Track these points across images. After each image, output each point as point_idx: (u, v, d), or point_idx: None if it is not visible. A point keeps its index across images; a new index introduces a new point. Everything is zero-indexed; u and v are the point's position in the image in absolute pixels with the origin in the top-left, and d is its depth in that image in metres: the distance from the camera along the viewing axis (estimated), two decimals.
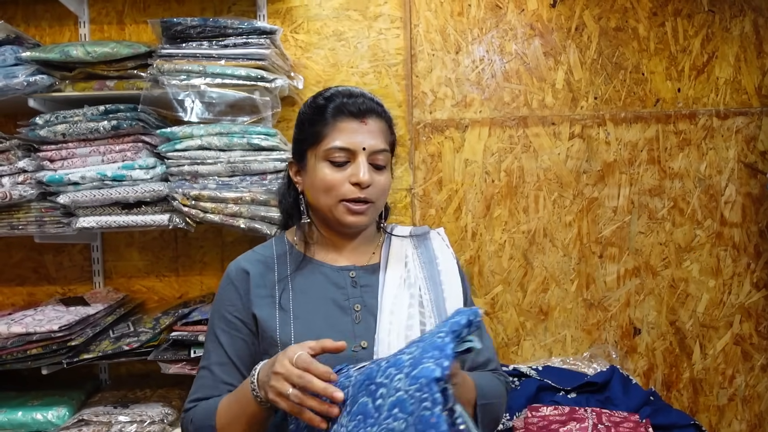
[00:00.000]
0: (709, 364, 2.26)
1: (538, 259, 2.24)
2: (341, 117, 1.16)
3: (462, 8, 2.22)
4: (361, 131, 1.16)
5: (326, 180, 1.15)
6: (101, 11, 2.21)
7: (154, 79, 1.88)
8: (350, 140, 1.15)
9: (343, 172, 1.15)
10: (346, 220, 1.17)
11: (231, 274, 1.23)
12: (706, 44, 2.23)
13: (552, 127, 2.23)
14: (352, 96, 1.18)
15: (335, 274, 1.22)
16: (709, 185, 2.23)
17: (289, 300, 1.18)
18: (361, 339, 1.16)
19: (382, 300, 1.20)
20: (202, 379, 1.20)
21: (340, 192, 1.15)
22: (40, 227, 1.90)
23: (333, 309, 1.18)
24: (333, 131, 1.16)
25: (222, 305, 1.21)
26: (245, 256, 1.27)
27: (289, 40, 2.22)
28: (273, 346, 1.15)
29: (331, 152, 1.15)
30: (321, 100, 1.19)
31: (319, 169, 1.16)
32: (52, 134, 1.87)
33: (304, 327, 1.15)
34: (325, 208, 1.18)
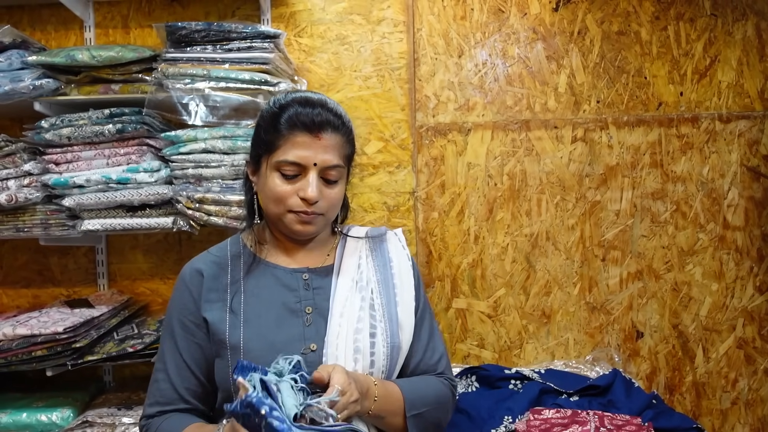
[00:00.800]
0: (712, 368, 2.25)
1: (540, 262, 2.25)
2: (295, 130, 1.15)
3: (465, 12, 2.23)
4: (313, 146, 1.15)
5: (276, 191, 1.16)
6: (106, 15, 2.23)
7: (159, 82, 1.89)
8: (301, 155, 1.14)
9: (293, 185, 1.16)
10: (294, 229, 1.19)
11: (185, 277, 1.24)
12: (709, 48, 2.23)
13: (554, 131, 2.24)
14: (308, 106, 1.16)
15: (288, 276, 1.23)
16: (711, 189, 2.23)
17: (240, 303, 1.19)
18: (310, 342, 1.16)
19: (333, 303, 1.20)
20: (158, 383, 1.21)
21: (287, 203, 1.16)
22: (45, 230, 1.92)
23: (283, 312, 1.19)
24: (286, 143, 1.15)
25: (176, 308, 1.22)
26: (200, 257, 1.27)
27: (293, 44, 2.23)
28: (223, 348, 1.17)
29: (282, 165, 1.15)
30: (277, 108, 1.18)
31: (270, 179, 1.17)
32: (57, 137, 1.88)
33: (253, 330, 1.16)
34: (274, 215, 1.19)
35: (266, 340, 1.14)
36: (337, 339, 1.16)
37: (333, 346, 1.15)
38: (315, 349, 1.15)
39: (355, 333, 1.18)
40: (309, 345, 1.16)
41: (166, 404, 1.20)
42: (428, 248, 2.25)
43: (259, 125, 1.21)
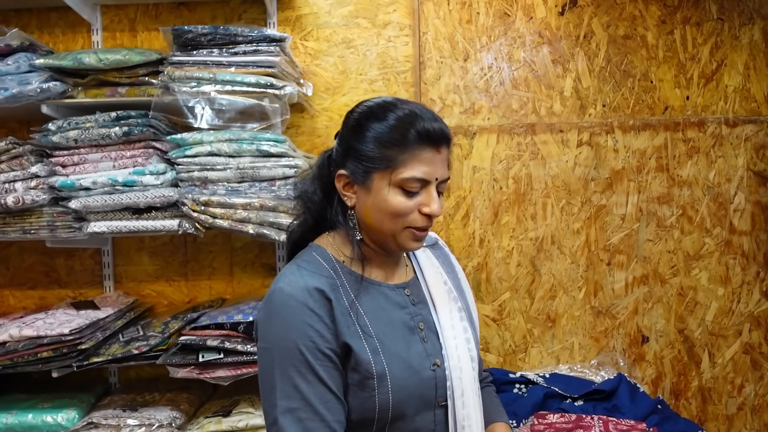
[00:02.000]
0: (717, 373, 2.24)
1: (545, 266, 2.24)
2: (422, 145, 1.07)
3: (470, 16, 2.24)
4: (435, 161, 1.09)
5: (398, 208, 1.08)
6: (113, 19, 2.24)
7: (165, 86, 1.90)
8: (428, 171, 1.08)
9: (413, 201, 1.09)
10: (409, 246, 1.13)
11: (304, 298, 1.06)
12: (715, 52, 2.23)
13: (560, 135, 2.23)
14: (433, 121, 1.09)
15: (393, 293, 1.17)
16: (717, 193, 2.23)
17: (367, 325, 1.10)
18: (433, 357, 1.14)
19: (439, 316, 1.18)
20: (302, 423, 1.02)
21: (408, 220, 1.09)
22: (51, 232, 1.93)
23: (405, 331, 1.14)
24: (412, 160, 1.07)
25: (301, 335, 1.05)
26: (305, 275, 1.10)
27: (299, 48, 2.24)
28: (368, 379, 1.07)
29: (408, 182, 1.07)
30: (402, 121, 1.08)
31: (391, 196, 1.08)
32: (64, 140, 1.89)
33: (390, 355, 1.09)
34: (388, 232, 1.11)
35: (404, 362, 1.09)
36: (456, 351, 1.15)
37: (454, 359, 1.15)
38: (440, 365, 1.14)
39: (466, 343, 1.18)
40: (433, 361, 1.14)
41: None
42: None
43: (373, 139, 1.09)
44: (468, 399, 1.14)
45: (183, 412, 1.91)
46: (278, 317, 1.06)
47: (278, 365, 1.04)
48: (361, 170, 1.10)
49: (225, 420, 1.83)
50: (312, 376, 1.04)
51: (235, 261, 2.24)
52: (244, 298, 2.11)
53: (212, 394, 2.11)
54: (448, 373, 1.13)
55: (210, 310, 2.01)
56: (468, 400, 1.14)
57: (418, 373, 1.10)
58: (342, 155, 1.13)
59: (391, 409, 1.07)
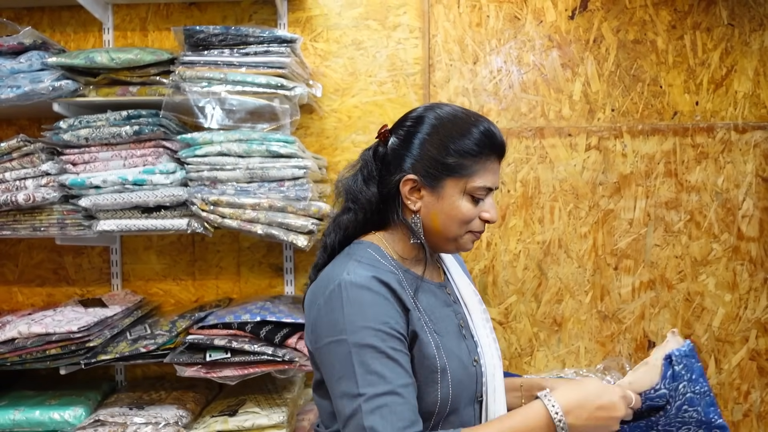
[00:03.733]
0: (724, 379, 2.24)
1: (552, 269, 2.24)
2: (493, 155, 1.16)
3: (480, 19, 2.24)
4: (497, 170, 1.18)
5: (467, 215, 1.15)
6: (125, 18, 2.25)
7: (176, 85, 1.91)
8: (494, 180, 1.17)
9: (478, 208, 1.16)
10: (468, 247, 1.21)
11: (373, 286, 1.08)
12: (725, 58, 2.22)
13: (568, 139, 2.23)
14: (497, 131, 1.17)
15: (439, 291, 1.23)
16: (726, 199, 2.22)
17: (429, 323, 1.14)
18: (473, 355, 1.20)
19: (471, 314, 1.25)
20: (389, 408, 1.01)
21: (471, 225, 1.17)
22: (61, 229, 1.93)
23: (455, 328, 1.20)
24: (484, 170, 1.14)
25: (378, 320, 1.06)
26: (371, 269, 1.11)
27: (309, 49, 2.24)
28: (433, 372, 1.10)
29: (479, 191, 1.14)
30: (471, 129, 1.14)
31: (461, 203, 1.14)
32: (75, 138, 1.90)
33: (448, 351, 1.14)
34: (452, 236, 1.17)
35: (458, 358, 1.15)
36: (489, 349, 1.22)
37: (488, 356, 1.21)
38: (477, 361, 1.20)
39: (494, 342, 1.26)
40: (474, 358, 1.19)
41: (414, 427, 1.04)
42: None
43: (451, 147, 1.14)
44: (498, 395, 1.20)
45: (189, 411, 1.92)
46: (351, 307, 1.06)
47: (356, 354, 1.04)
48: (434, 176, 1.15)
49: (231, 419, 1.83)
50: (392, 362, 1.04)
51: (242, 261, 2.24)
52: (251, 298, 2.11)
53: (218, 393, 2.11)
54: (483, 370, 1.20)
55: (217, 310, 2.02)
56: (498, 396, 1.20)
57: (467, 369, 1.16)
58: (413, 161, 1.16)
59: (450, 403, 1.12)
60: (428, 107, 1.21)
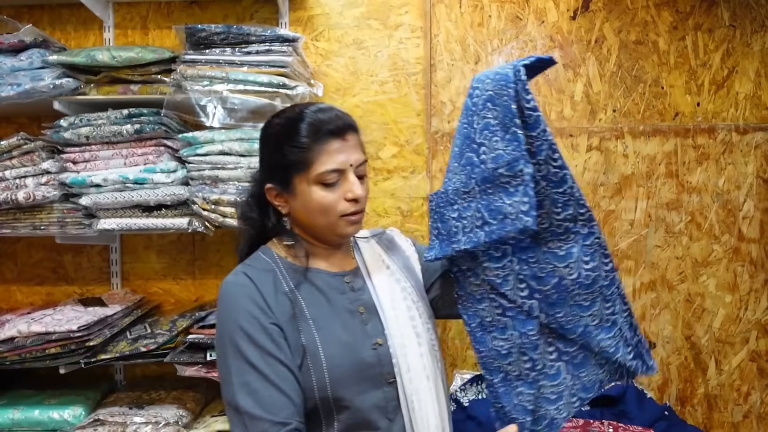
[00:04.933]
0: (724, 380, 2.24)
1: None
2: (327, 139, 1.17)
3: (482, 19, 2.24)
4: (345, 149, 1.18)
5: (324, 203, 1.18)
6: (126, 16, 2.24)
7: (178, 84, 1.90)
8: (340, 161, 1.17)
9: (337, 191, 1.18)
10: (347, 232, 1.22)
11: (240, 288, 1.18)
12: (727, 59, 2.22)
13: (570, 139, 2.23)
14: (326, 113, 1.19)
15: (333, 280, 1.26)
16: (727, 200, 2.22)
17: (304, 310, 1.19)
18: (375, 338, 1.21)
19: (380, 298, 1.26)
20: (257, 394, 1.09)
21: (337, 210, 1.19)
22: (61, 228, 1.93)
23: (344, 314, 1.22)
24: (320, 155, 1.16)
25: (244, 316, 1.14)
26: (243, 271, 1.21)
27: (310, 48, 2.24)
28: (304, 357, 1.15)
29: (324, 176, 1.17)
30: (297, 125, 1.18)
31: (314, 193, 1.18)
32: (76, 137, 1.89)
33: (325, 335, 1.18)
34: (324, 226, 1.21)
35: (340, 342, 1.17)
36: (399, 329, 1.23)
37: (398, 337, 1.22)
38: (382, 344, 1.21)
39: (410, 320, 1.25)
40: (375, 341, 1.21)
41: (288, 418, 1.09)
42: None
43: (280, 147, 1.19)
44: (415, 374, 1.20)
45: (189, 411, 1.91)
46: (223, 305, 1.17)
47: (230, 346, 1.13)
48: (284, 179, 1.21)
49: None
50: (260, 350, 1.12)
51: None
52: None
53: (218, 392, 2.10)
54: (392, 351, 1.20)
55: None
56: (415, 375, 1.20)
57: (358, 352, 1.17)
58: (265, 171, 1.26)
59: (330, 387, 1.13)
60: (270, 116, 1.26)
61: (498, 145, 1.13)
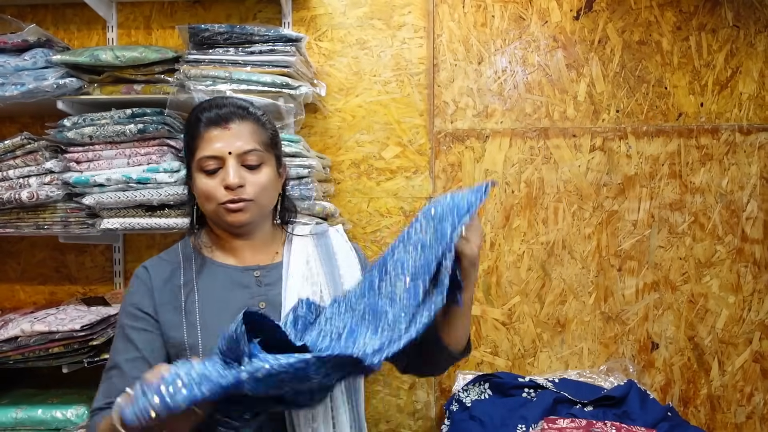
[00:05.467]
0: (727, 381, 2.24)
1: (556, 270, 2.24)
2: (207, 128, 1.22)
3: (485, 19, 2.24)
4: (224, 137, 1.21)
5: (203, 188, 1.22)
6: (129, 16, 2.25)
7: (181, 84, 1.90)
8: (215, 147, 1.21)
9: (216, 179, 1.22)
10: (227, 220, 1.23)
11: (137, 277, 1.28)
12: (730, 59, 2.22)
13: (573, 139, 2.23)
14: (214, 106, 1.24)
15: (239, 274, 1.27)
16: (730, 201, 2.22)
17: (195, 303, 1.22)
18: None
19: (285, 296, 1.25)
20: (110, 380, 1.21)
21: (216, 197, 1.21)
22: (65, 227, 1.93)
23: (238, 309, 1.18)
24: (201, 142, 1.22)
25: (130, 304, 1.25)
26: (151, 261, 1.31)
27: (313, 48, 2.24)
28: (182, 351, 1.20)
29: (202, 162, 1.21)
30: (192, 115, 1.26)
31: (198, 179, 1.23)
32: (79, 136, 1.89)
33: (211, 330, 1.19)
34: (211, 213, 1.25)
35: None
36: None
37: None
38: None
39: None
40: None
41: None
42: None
43: (183, 137, 1.29)
44: None
45: None
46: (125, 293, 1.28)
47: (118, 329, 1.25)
48: (187, 167, 1.28)
49: None
50: (125, 340, 1.22)
51: None
52: None
53: None
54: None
55: None
56: None
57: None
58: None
59: None
60: None
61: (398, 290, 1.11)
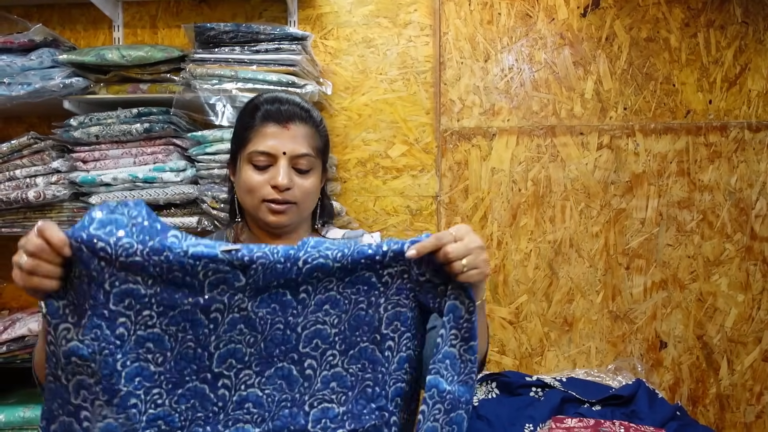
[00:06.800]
0: (736, 380, 2.22)
1: (563, 269, 2.23)
2: (265, 122, 1.20)
3: (492, 17, 2.22)
4: (282, 136, 1.19)
5: (249, 182, 1.19)
6: (135, 15, 2.25)
7: (187, 83, 1.90)
8: (270, 144, 1.19)
9: (265, 175, 1.19)
10: (268, 219, 1.21)
11: None
12: (739, 56, 2.20)
13: (580, 137, 2.22)
14: (277, 102, 1.22)
15: None
16: (739, 198, 2.20)
17: None
18: None
19: None
20: None
21: (261, 193, 1.19)
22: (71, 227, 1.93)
23: None
24: (257, 136, 1.20)
25: None
26: None
27: (319, 46, 2.23)
28: None
29: (254, 156, 1.19)
30: (251, 106, 1.24)
31: (244, 171, 1.21)
32: (85, 136, 1.89)
33: None
34: (250, 208, 1.22)
35: None
36: None
37: None
38: None
39: None
40: None
41: None
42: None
43: (235, 125, 1.27)
44: None
45: None
46: None
47: None
48: (232, 155, 1.27)
49: None
50: None
51: None
52: None
53: None
54: None
55: None
56: None
57: None
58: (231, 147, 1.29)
59: None
60: None
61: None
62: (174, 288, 0.87)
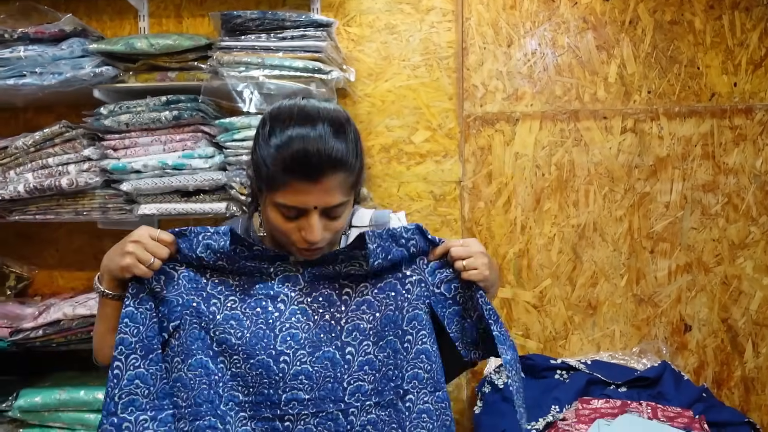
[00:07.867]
0: (761, 363, 2.22)
1: (587, 253, 2.24)
2: (291, 175, 1.03)
3: (514, 1, 2.22)
4: (313, 191, 1.04)
5: (277, 226, 1.08)
6: (160, 5, 2.27)
7: (214, 70, 1.92)
8: (301, 200, 1.04)
9: (295, 223, 1.07)
10: (298, 256, 1.12)
11: None
12: (765, 38, 2.19)
13: (603, 121, 2.22)
14: (305, 155, 1.02)
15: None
16: (764, 181, 2.19)
17: None
18: None
19: None
20: None
21: (290, 239, 1.08)
22: (103, 213, 1.97)
23: None
24: (284, 188, 1.04)
25: None
26: None
27: (342, 33, 2.25)
28: None
29: (281, 207, 1.06)
30: (276, 150, 1.04)
31: (272, 213, 1.08)
32: (116, 124, 1.93)
33: None
34: (280, 240, 1.13)
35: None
36: None
37: None
38: None
39: None
40: None
41: None
42: (474, 238, 2.25)
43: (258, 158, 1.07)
44: None
45: None
46: None
47: None
48: (255, 172, 1.10)
49: None
50: None
51: None
52: None
53: None
54: None
55: None
56: None
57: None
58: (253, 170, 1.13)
59: None
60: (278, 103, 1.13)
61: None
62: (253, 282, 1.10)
